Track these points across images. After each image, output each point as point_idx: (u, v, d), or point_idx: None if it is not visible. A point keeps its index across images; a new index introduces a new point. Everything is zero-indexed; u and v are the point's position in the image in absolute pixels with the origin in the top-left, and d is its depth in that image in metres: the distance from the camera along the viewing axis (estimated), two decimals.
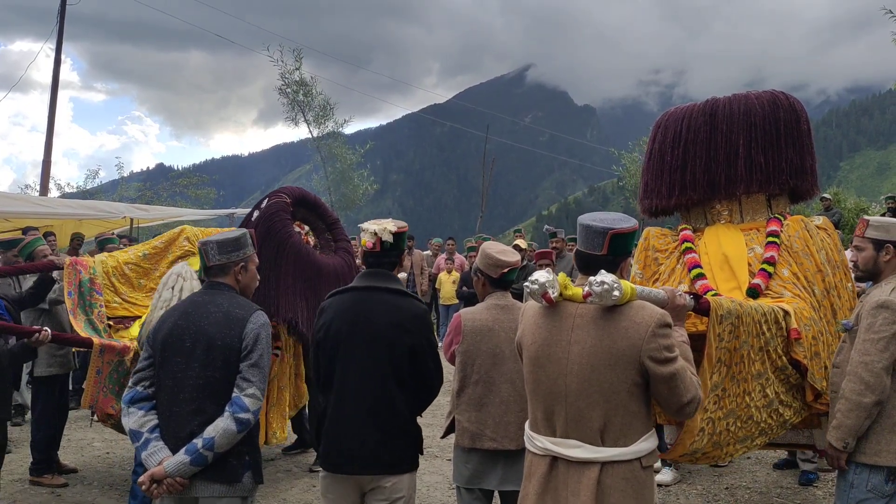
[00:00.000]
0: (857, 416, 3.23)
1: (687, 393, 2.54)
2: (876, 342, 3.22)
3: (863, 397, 3.21)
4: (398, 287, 3.30)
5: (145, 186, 28.89)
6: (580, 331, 2.60)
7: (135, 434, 2.97)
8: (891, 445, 3.20)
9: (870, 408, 3.21)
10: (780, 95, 4.54)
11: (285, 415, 5.94)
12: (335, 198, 25.02)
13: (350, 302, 3.25)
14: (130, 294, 5.85)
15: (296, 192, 6.07)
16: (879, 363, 3.19)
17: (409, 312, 3.23)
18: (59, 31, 18.90)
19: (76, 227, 12.29)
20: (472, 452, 3.64)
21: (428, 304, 13.80)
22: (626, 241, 2.70)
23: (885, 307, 3.24)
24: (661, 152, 4.64)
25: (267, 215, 5.62)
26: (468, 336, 3.65)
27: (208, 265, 3.17)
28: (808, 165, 4.52)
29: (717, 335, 3.39)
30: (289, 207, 5.75)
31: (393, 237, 3.30)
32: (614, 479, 2.53)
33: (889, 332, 3.20)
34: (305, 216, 6.15)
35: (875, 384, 3.19)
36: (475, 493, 3.68)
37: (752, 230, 4.45)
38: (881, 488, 3.22)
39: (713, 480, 5.90)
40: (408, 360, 3.18)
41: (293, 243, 5.58)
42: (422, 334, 3.23)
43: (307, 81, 25.34)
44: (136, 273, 5.95)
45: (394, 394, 3.16)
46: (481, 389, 3.63)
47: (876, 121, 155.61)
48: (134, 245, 7.00)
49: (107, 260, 5.86)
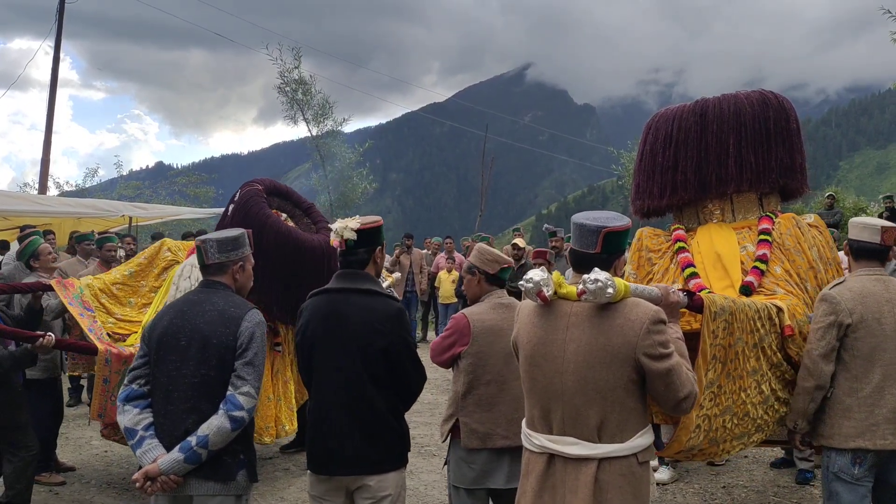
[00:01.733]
0: (803, 400, 3.55)
1: (683, 388, 2.55)
2: (815, 331, 3.53)
3: (805, 382, 3.53)
4: (370, 287, 3.24)
5: (144, 185, 28.88)
6: (575, 329, 2.61)
7: (129, 432, 2.97)
8: (841, 429, 3.45)
9: (811, 391, 3.50)
10: (770, 95, 4.56)
11: (293, 407, 5.98)
12: (334, 197, 25.03)
13: (325, 304, 3.23)
14: (123, 313, 5.83)
15: (266, 181, 6.12)
16: (816, 350, 3.49)
17: (382, 313, 3.18)
18: (57, 30, 18.90)
19: (75, 225, 12.29)
20: (479, 452, 3.60)
21: (426, 302, 13.82)
22: (619, 240, 2.71)
23: (823, 300, 3.55)
24: (652, 153, 4.66)
25: (241, 203, 5.62)
26: (479, 337, 3.61)
27: (206, 263, 3.16)
28: (798, 164, 4.55)
29: (711, 332, 3.40)
30: (262, 193, 5.76)
31: (357, 234, 3.20)
32: (611, 476, 2.55)
33: (825, 322, 3.49)
34: (280, 205, 6.17)
35: (813, 369, 3.49)
36: (478, 494, 3.65)
37: (744, 229, 4.46)
38: (849, 470, 3.41)
39: (710, 479, 5.90)
40: (382, 360, 3.15)
41: (272, 223, 5.54)
42: (394, 334, 3.17)
43: (306, 80, 25.35)
44: (125, 292, 5.95)
45: (371, 394, 3.14)
46: (494, 389, 3.61)
47: (875, 120, 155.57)
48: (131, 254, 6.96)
49: (93, 282, 5.82)
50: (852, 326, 3.45)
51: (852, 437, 3.41)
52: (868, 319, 3.44)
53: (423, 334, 14.04)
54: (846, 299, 3.47)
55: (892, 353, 3.43)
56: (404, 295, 12.87)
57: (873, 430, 3.38)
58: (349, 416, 3.14)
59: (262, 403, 5.78)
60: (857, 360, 3.46)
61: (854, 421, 3.42)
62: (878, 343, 3.43)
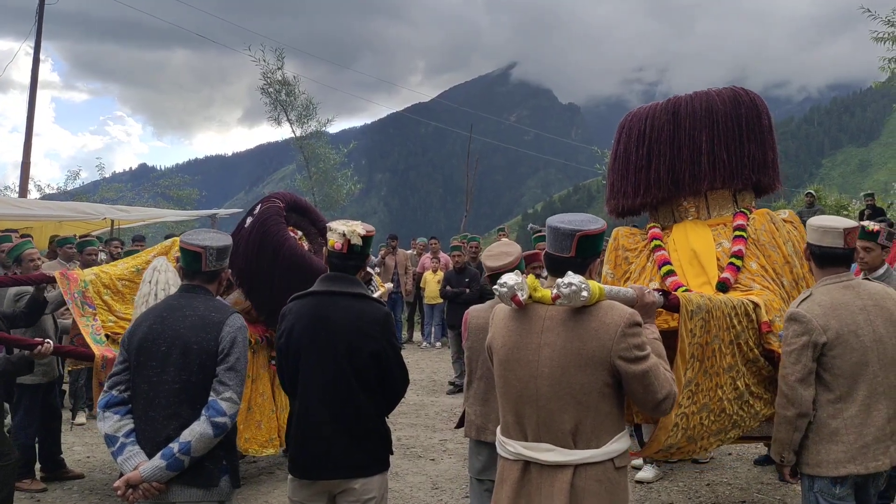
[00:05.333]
0: (786, 430, 3.21)
1: (662, 389, 2.54)
2: (788, 355, 3.21)
3: (786, 410, 3.20)
4: (360, 291, 3.25)
5: (127, 187, 28.67)
6: (550, 333, 2.60)
7: (110, 439, 2.94)
8: (829, 455, 3.14)
9: (794, 420, 3.18)
10: (741, 92, 4.60)
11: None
12: (318, 198, 24.94)
13: (310, 307, 3.22)
14: (125, 311, 5.76)
15: (288, 197, 6.07)
16: (793, 375, 3.17)
17: (370, 317, 3.18)
18: (37, 30, 18.76)
19: (56, 228, 12.17)
20: (483, 445, 3.83)
21: (412, 303, 13.80)
22: (594, 243, 2.70)
23: (792, 320, 3.22)
24: (626, 153, 4.70)
25: (261, 220, 5.59)
26: (472, 333, 3.80)
27: (203, 270, 3.11)
28: (770, 160, 4.60)
29: (689, 331, 3.42)
30: (282, 212, 5.74)
31: (362, 240, 3.24)
32: (587, 482, 2.52)
33: (798, 343, 3.16)
34: (298, 221, 6.13)
35: (792, 396, 3.17)
36: (486, 485, 3.84)
37: (719, 225, 4.50)
38: (829, 490, 3.16)
39: (694, 477, 5.93)
40: (370, 364, 3.16)
41: (289, 247, 5.54)
42: (383, 338, 3.18)
43: (290, 81, 25.28)
44: (130, 289, 5.87)
45: (358, 398, 3.14)
46: (485, 385, 3.79)
47: (857, 118, 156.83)
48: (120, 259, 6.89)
49: (100, 275, 5.76)
50: (828, 344, 3.13)
51: (843, 463, 3.11)
52: (844, 334, 3.14)
53: (409, 335, 14.02)
54: (817, 316, 3.15)
55: (875, 366, 3.14)
56: (389, 296, 12.85)
57: (864, 453, 3.11)
58: (336, 419, 3.13)
59: (266, 417, 5.78)
60: (839, 379, 3.15)
61: (843, 445, 3.12)
62: (859, 358, 3.14)
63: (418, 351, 12.91)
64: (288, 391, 3.37)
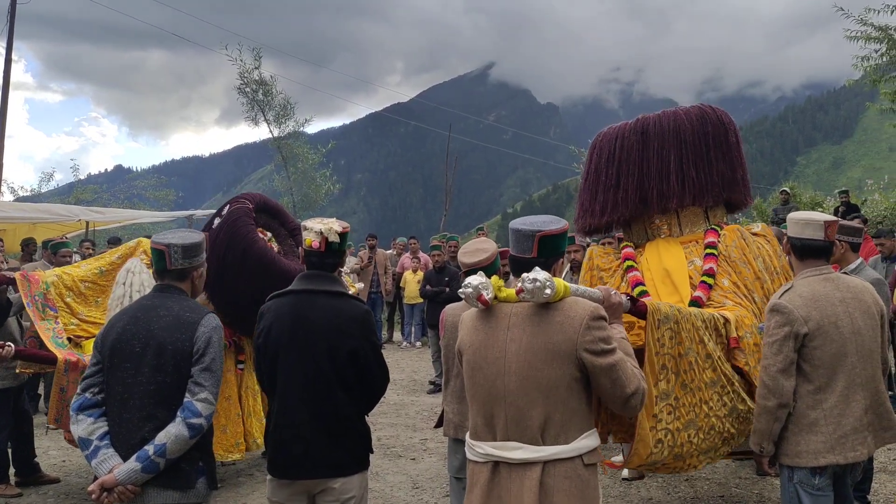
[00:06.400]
0: (766, 420, 3.25)
1: (630, 384, 2.53)
2: (770, 345, 3.24)
3: (766, 401, 3.24)
4: (338, 289, 3.24)
5: (102, 189, 28.34)
6: (516, 329, 2.60)
7: (84, 442, 2.89)
8: (809, 445, 3.19)
9: (774, 411, 3.22)
10: (708, 109, 4.65)
11: (262, 419, 5.92)
12: (297, 198, 24.84)
13: (289, 305, 3.20)
14: (88, 313, 5.65)
15: (257, 197, 6.01)
16: (774, 366, 3.21)
17: (349, 315, 3.18)
18: (9, 30, 18.48)
19: (29, 231, 12.00)
20: (461, 443, 3.71)
21: (391, 303, 13.77)
22: (556, 243, 2.71)
23: (774, 311, 3.26)
24: (596, 172, 4.76)
25: (229, 221, 5.53)
26: (448, 331, 3.77)
27: (168, 268, 3.06)
28: (740, 177, 4.64)
29: (656, 340, 3.42)
30: (251, 213, 5.68)
31: (339, 237, 3.24)
32: (557, 479, 2.51)
33: (779, 334, 3.20)
34: (268, 222, 6.07)
35: (773, 387, 3.20)
36: (465, 483, 3.72)
37: (691, 242, 4.54)
38: (809, 481, 3.20)
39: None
40: (349, 363, 3.15)
41: (258, 248, 5.48)
42: (362, 336, 3.18)
43: (267, 81, 25.16)
44: (93, 291, 5.78)
45: (338, 397, 3.13)
46: (462, 383, 3.70)
47: (831, 116, 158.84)
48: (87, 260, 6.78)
49: (62, 276, 5.63)
50: (809, 335, 3.19)
51: (822, 454, 3.17)
52: (825, 325, 3.19)
53: (389, 335, 14.00)
54: (798, 307, 3.21)
55: (853, 357, 3.21)
56: (369, 296, 12.82)
57: (843, 443, 3.17)
58: (315, 419, 3.11)
59: (231, 421, 5.73)
60: (818, 370, 3.21)
61: (822, 435, 3.18)
62: (838, 349, 3.19)
63: (398, 350, 12.89)
64: (266, 390, 3.35)
